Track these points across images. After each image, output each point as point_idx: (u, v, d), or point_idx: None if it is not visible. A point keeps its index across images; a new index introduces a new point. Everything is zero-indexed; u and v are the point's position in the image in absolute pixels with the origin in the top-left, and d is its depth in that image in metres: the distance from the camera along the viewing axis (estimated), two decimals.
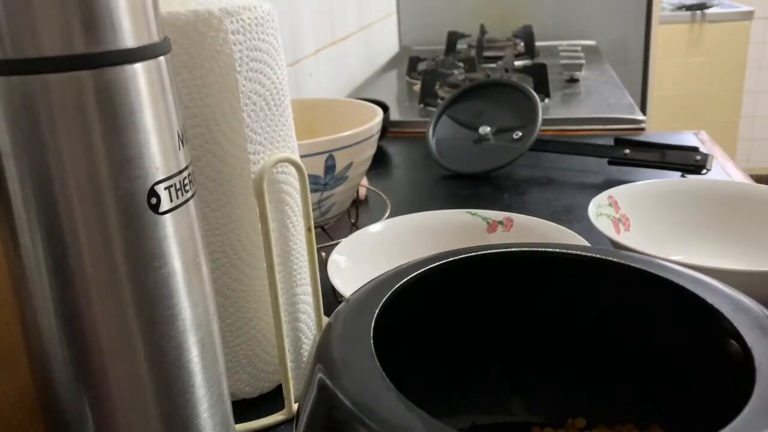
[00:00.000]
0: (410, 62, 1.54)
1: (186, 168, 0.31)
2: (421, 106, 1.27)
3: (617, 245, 0.58)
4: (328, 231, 0.74)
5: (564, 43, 1.81)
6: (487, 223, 0.64)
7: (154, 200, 0.29)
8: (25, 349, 0.32)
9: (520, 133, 0.91)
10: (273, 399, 0.48)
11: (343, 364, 0.27)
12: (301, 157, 0.52)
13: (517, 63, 1.52)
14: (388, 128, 1.06)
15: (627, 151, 0.88)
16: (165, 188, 0.30)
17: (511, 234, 0.63)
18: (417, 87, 1.37)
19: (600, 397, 0.37)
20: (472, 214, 0.65)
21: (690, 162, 0.84)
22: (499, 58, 1.57)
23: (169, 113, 0.30)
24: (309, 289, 0.48)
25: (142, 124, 0.28)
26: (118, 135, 0.28)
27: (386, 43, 1.88)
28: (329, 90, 1.33)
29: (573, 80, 1.40)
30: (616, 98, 1.25)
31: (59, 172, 0.27)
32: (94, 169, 0.28)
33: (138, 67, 0.28)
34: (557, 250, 0.35)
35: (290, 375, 0.46)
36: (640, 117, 1.13)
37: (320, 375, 0.27)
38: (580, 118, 1.15)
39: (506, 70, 1.38)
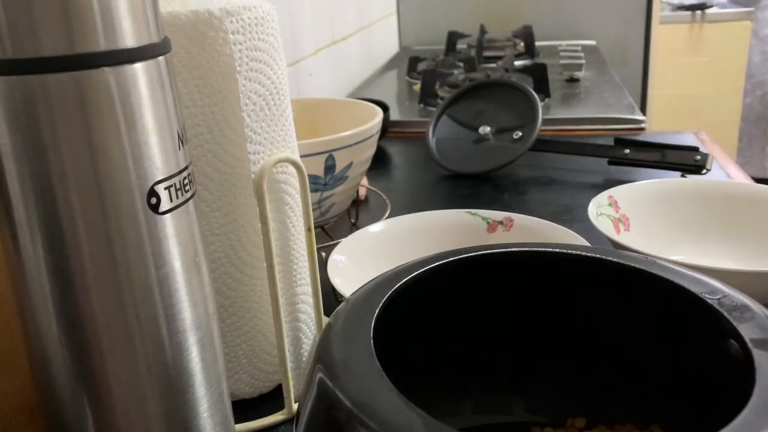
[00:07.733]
0: (410, 62, 1.54)
1: (186, 168, 0.31)
2: (421, 106, 1.27)
3: (617, 245, 0.58)
4: (328, 231, 0.74)
5: (564, 43, 1.81)
6: (487, 223, 0.64)
7: (154, 200, 0.29)
8: (25, 349, 0.32)
9: (520, 133, 0.91)
10: (273, 399, 0.48)
11: (343, 364, 0.27)
12: (301, 157, 0.52)
13: (517, 63, 1.52)
14: (388, 128, 1.06)
15: (627, 151, 0.88)
16: (165, 188, 0.30)
17: (511, 234, 0.63)
18: (417, 87, 1.37)
19: (600, 397, 0.37)
20: (472, 214, 0.65)
21: (690, 162, 0.84)
22: (499, 58, 1.57)
23: (169, 113, 0.30)
24: (309, 289, 0.48)
25: (142, 124, 0.28)
26: (117, 135, 0.28)
27: (386, 43, 1.88)
28: (329, 90, 1.33)
29: (573, 80, 1.40)
30: (616, 98, 1.25)
31: (59, 172, 0.27)
32: (93, 169, 0.28)
33: (138, 67, 0.28)
34: (557, 250, 0.35)
35: (290, 375, 0.46)
36: (640, 117, 1.13)
37: (320, 375, 0.27)
38: (580, 118, 1.15)
39: (506, 70, 1.38)
